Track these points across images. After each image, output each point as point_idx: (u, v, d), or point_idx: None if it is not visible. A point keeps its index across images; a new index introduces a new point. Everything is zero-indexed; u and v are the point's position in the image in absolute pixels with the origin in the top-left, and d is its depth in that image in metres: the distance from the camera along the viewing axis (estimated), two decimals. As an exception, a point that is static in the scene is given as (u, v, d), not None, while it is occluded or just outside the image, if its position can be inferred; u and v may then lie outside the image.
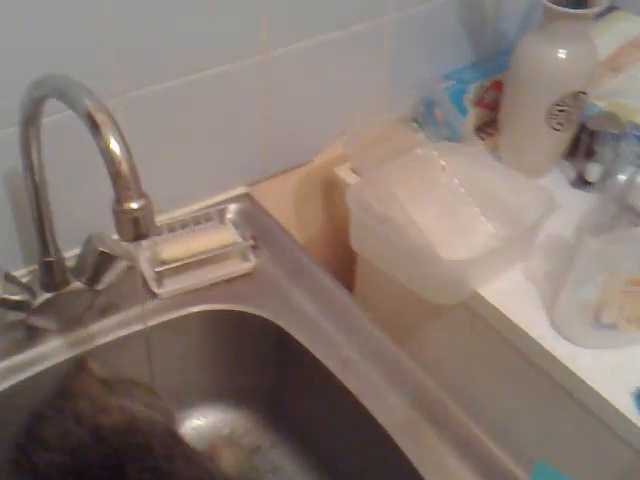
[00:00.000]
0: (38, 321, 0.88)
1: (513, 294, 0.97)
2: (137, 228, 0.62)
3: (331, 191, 1.17)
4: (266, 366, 0.99)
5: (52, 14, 0.80)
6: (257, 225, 1.05)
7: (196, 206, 1.04)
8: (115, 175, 0.61)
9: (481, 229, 1.03)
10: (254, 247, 1.02)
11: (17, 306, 0.85)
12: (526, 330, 0.92)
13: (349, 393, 0.84)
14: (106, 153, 0.60)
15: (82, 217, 0.93)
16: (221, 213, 1.02)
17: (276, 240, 1.03)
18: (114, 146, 0.60)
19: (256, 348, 0.97)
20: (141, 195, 0.62)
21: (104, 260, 0.89)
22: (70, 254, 0.90)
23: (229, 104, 0.99)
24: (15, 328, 0.87)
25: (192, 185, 1.03)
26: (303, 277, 0.98)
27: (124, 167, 0.61)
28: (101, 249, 0.87)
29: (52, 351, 0.88)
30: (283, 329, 0.92)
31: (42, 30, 0.80)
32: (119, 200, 0.61)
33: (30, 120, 0.72)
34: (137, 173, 0.62)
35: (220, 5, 0.91)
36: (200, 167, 1.03)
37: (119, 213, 0.61)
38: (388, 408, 0.83)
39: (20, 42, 0.80)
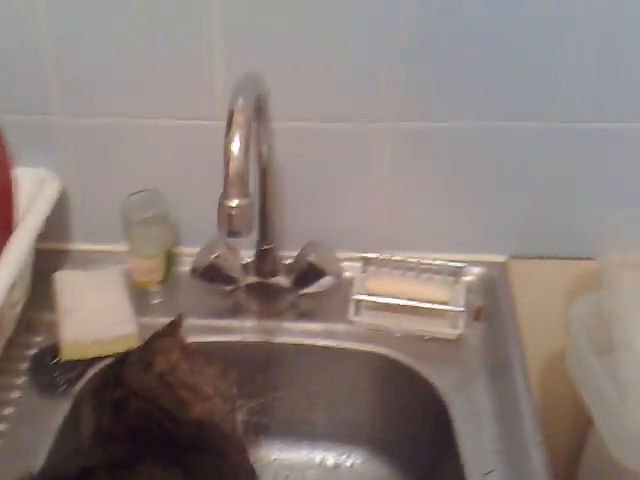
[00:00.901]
0: (242, 298, 0.97)
1: None
2: (231, 224, 0.66)
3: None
4: (421, 441, 0.92)
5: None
6: (494, 300, 0.97)
7: (442, 255, 1.00)
8: (226, 171, 0.65)
9: None
10: (476, 318, 0.95)
11: (225, 279, 0.95)
12: None
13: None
14: (225, 150, 0.65)
15: (309, 223, 0.98)
16: (459, 271, 0.98)
17: (501, 322, 0.95)
18: (234, 146, 0.65)
19: (417, 417, 0.92)
20: (243, 196, 0.65)
21: (312, 270, 0.94)
22: (292, 254, 0.97)
23: (513, 162, 0.94)
24: (222, 296, 0.97)
25: (448, 232, 1.00)
26: (502, 378, 0.89)
27: (234, 166, 0.65)
28: (310, 260, 0.92)
29: (245, 329, 0.96)
30: (448, 414, 0.85)
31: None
32: (223, 195, 0.65)
33: (258, 114, 0.79)
34: (247, 175, 0.65)
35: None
36: (463, 218, 0.99)
37: (220, 207, 0.66)
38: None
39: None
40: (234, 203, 0.65)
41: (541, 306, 1.00)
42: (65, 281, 0.97)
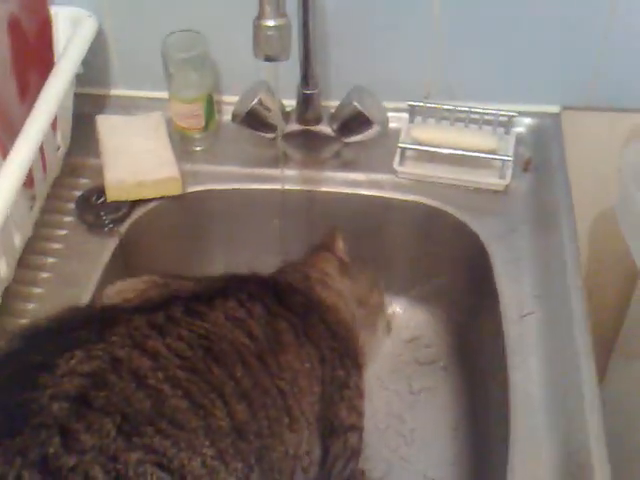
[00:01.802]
0: (286, 147, 0.95)
1: None
2: (267, 46, 0.63)
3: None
4: (462, 289, 0.92)
5: None
6: (544, 152, 0.94)
7: (493, 105, 0.96)
8: None
9: None
10: (525, 169, 0.92)
11: (269, 123, 0.93)
12: None
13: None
14: None
15: (354, 69, 0.95)
16: (509, 121, 0.94)
17: (551, 173, 0.92)
18: None
19: (458, 265, 0.91)
20: (279, 15, 0.62)
21: (357, 117, 0.91)
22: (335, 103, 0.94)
23: (570, 6, 0.88)
24: (264, 145, 0.96)
25: (499, 82, 0.96)
26: (547, 227, 0.86)
27: None
28: (356, 106, 0.89)
29: (287, 178, 0.95)
30: (489, 261, 0.84)
31: None
32: (259, 15, 0.62)
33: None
34: None
35: None
36: (516, 66, 0.94)
37: (256, 28, 0.63)
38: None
39: None
40: (270, 23, 0.62)
41: (593, 159, 0.97)
42: (107, 125, 0.96)
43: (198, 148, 0.98)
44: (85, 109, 0.99)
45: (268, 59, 0.64)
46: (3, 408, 0.52)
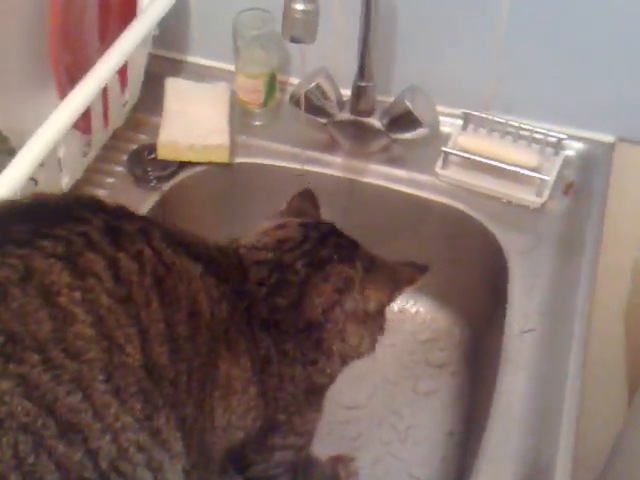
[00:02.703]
0: (336, 134, 0.99)
1: None
2: (294, 28, 0.66)
3: None
4: (481, 297, 0.93)
5: None
6: (588, 179, 0.94)
7: (548, 125, 0.95)
8: None
9: None
10: (565, 193, 0.92)
11: (323, 109, 0.97)
12: None
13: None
14: None
15: (414, 68, 0.97)
16: (558, 143, 0.94)
17: (588, 206, 0.91)
18: None
19: (481, 274, 0.92)
20: (311, 1, 0.65)
21: (407, 116, 0.93)
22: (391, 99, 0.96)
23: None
24: (318, 129, 0.99)
25: (559, 103, 0.95)
26: (571, 251, 0.86)
27: None
28: (407, 106, 0.92)
29: (333, 163, 0.98)
30: (508, 273, 0.85)
31: None
32: None
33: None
34: None
35: None
36: (578, 90, 0.94)
37: (286, 10, 0.66)
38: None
39: None
40: (299, 6, 0.65)
41: (636, 197, 0.95)
42: (175, 87, 1.02)
43: (256, 123, 1.02)
44: (160, 70, 1.04)
45: (293, 40, 0.67)
46: None
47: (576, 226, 0.89)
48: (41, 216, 0.55)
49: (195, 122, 0.97)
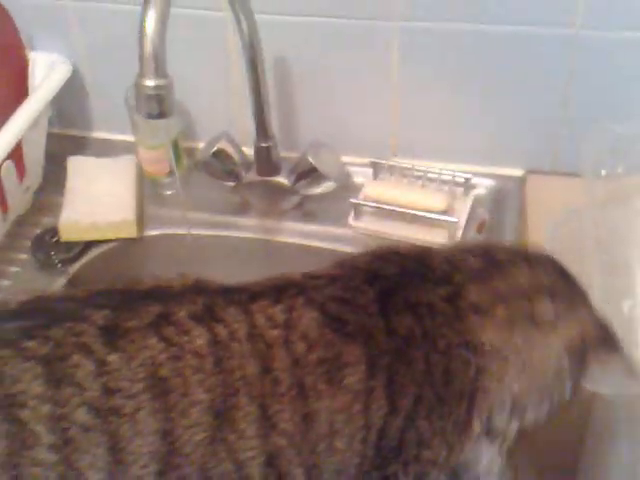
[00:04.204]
0: (246, 195, 0.97)
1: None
2: (151, 105, 0.64)
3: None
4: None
5: None
6: (501, 215, 0.93)
7: (456, 166, 0.95)
8: (141, 50, 0.64)
9: None
10: (478, 231, 0.91)
11: (229, 171, 0.95)
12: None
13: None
14: (140, 28, 0.63)
15: (315, 124, 0.96)
16: (467, 183, 0.93)
17: (502, 236, 0.90)
18: (148, 24, 0.63)
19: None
20: (161, 76, 0.63)
21: (312, 171, 0.92)
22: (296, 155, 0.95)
23: (531, 72, 0.88)
24: (228, 192, 0.97)
25: (462, 141, 0.95)
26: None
27: (149, 45, 0.63)
28: (311, 161, 0.91)
29: (246, 226, 0.96)
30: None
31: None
32: (140, 75, 0.64)
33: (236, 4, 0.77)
34: (163, 55, 0.64)
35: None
36: (481, 127, 0.94)
37: (138, 87, 0.64)
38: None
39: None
40: (150, 83, 0.64)
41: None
42: (77, 166, 0.99)
43: (167, 192, 1.00)
44: (62, 149, 1.02)
45: (149, 117, 0.65)
46: None
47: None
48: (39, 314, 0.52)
49: (98, 199, 0.95)
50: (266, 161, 0.93)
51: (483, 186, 0.95)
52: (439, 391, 0.55)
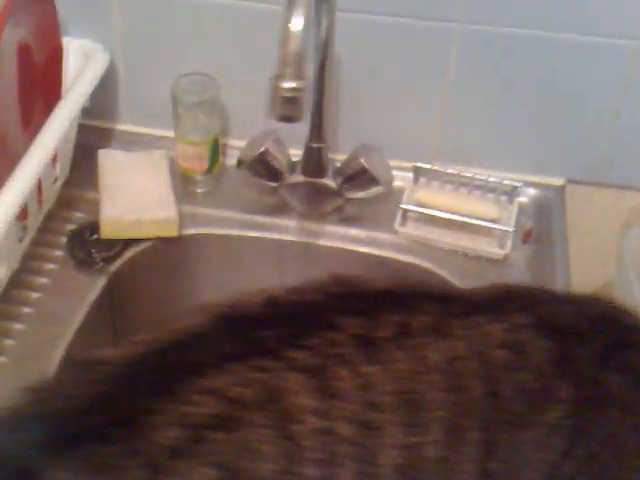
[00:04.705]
0: (288, 196, 0.94)
1: None
2: (284, 108, 0.62)
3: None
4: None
5: None
6: (545, 224, 0.94)
7: (498, 173, 0.96)
8: (282, 51, 0.61)
9: None
10: (524, 241, 0.92)
11: (274, 172, 0.93)
12: None
13: None
14: (284, 27, 0.61)
15: (362, 126, 0.94)
16: (513, 190, 0.94)
17: (550, 246, 0.91)
18: (294, 23, 0.61)
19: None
20: (299, 78, 0.61)
21: (363, 174, 0.91)
22: (340, 157, 0.93)
23: (583, 81, 0.89)
24: (267, 193, 0.95)
25: (506, 150, 0.96)
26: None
27: (293, 45, 0.61)
28: (362, 164, 0.89)
29: (287, 228, 0.94)
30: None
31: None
32: (277, 76, 0.62)
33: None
34: (303, 57, 0.62)
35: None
36: (524, 135, 0.94)
37: (274, 89, 0.62)
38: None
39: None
40: (289, 85, 0.61)
41: (594, 235, 0.96)
42: (109, 160, 0.95)
43: (199, 190, 0.97)
44: (89, 141, 0.98)
45: (283, 120, 0.63)
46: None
47: (543, 273, 0.88)
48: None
49: (137, 195, 0.91)
50: (316, 163, 0.91)
51: (525, 195, 0.96)
52: (612, 461, 0.55)
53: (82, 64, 0.91)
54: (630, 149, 0.92)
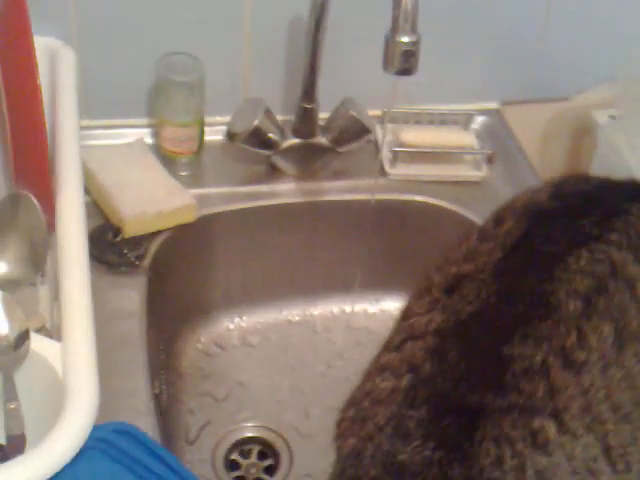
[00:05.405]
0: (280, 162, 0.97)
1: None
2: (403, 61, 0.67)
3: (581, 137, 1.14)
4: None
5: None
6: (499, 142, 1.06)
7: (446, 107, 1.06)
8: (399, 7, 0.66)
9: None
10: (489, 161, 1.03)
11: (267, 142, 0.95)
12: None
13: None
14: None
15: (341, 82, 0.99)
16: (467, 120, 1.04)
17: (513, 161, 1.04)
18: None
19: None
20: (415, 32, 0.66)
21: (352, 125, 0.95)
22: (323, 115, 0.97)
23: (506, 14, 1.00)
24: (260, 162, 0.97)
25: (449, 85, 1.06)
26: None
27: (409, 1, 0.65)
28: (353, 113, 0.94)
29: (285, 192, 0.97)
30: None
31: None
32: (394, 31, 0.66)
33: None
34: (417, 12, 0.66)
35: None
36: (461, 69, 1.05)
37: (390, 44, 0.66)
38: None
39: None
40: (408, 39, 0.66)
41: (538, 144, 1.11)
42: (93, 159, 0.91)
43: (184, 173, 0.96)
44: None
45: (400, 73, 0.68)
46: (523, 293, 0.53)
47: (521, 186, 1.00)
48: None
49: (144, 188, 0.89)
50: (308, 123, 0.95)
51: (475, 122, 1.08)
52: None
53: (50, 61, 0.86)
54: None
